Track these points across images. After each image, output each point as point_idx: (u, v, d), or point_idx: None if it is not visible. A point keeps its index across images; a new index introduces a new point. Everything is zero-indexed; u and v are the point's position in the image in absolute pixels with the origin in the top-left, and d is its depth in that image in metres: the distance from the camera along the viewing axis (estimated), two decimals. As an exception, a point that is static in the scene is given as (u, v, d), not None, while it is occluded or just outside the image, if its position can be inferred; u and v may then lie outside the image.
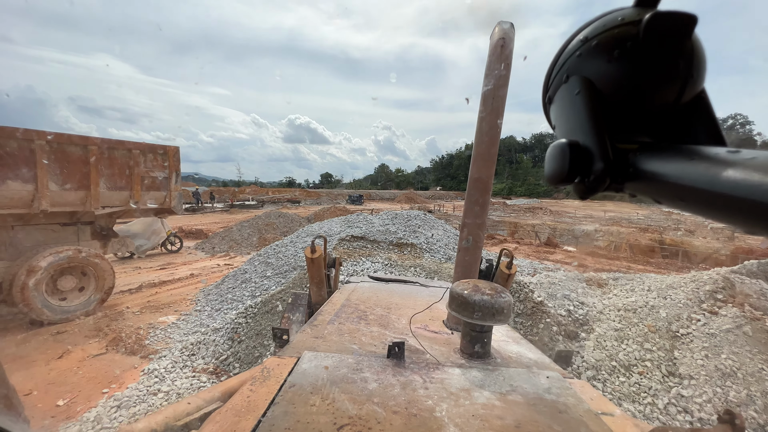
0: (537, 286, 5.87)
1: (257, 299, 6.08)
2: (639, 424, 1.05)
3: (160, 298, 7.75)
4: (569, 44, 0.53)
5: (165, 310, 6.99)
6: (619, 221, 28.85)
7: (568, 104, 0.51)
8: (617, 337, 4.79)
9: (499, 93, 1.80)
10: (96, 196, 6.74)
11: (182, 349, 5.06)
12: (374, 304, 2.07)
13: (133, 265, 11.25)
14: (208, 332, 5.33)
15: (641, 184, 0.44)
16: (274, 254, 7.68)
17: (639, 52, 0.44)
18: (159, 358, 5.02)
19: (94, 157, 6.66)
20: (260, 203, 42.42)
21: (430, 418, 0.95)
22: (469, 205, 1.92)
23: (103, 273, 6.72)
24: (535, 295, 5.48)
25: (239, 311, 5.54)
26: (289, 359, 1.24)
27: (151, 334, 5.86)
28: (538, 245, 16.90)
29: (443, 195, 78.79)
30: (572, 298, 5.49)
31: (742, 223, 0.33)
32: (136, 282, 8.93)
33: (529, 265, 11.14)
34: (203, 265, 11.25)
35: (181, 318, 6.51)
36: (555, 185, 0.49)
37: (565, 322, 5.10)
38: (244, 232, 14.77)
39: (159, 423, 0.94)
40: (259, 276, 6.97)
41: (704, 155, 0.37)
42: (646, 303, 5.21)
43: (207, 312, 6.53)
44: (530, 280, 6.07)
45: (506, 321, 1.32)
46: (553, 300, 5.51)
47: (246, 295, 6.46)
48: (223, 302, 6.63)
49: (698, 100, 0.47)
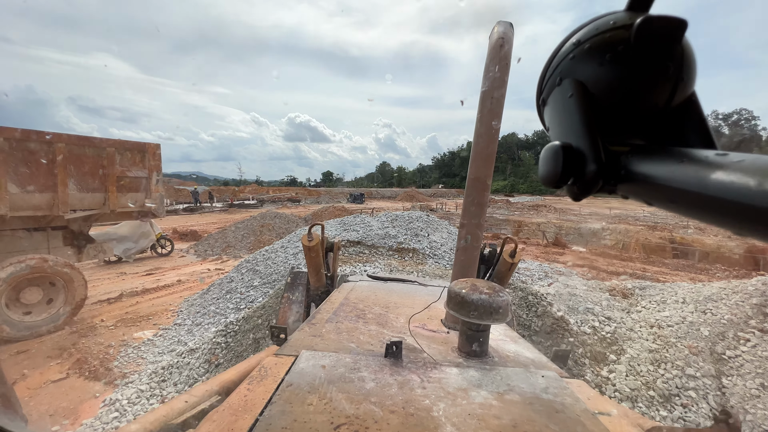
0: (555, 298, 5.20)
1: (241, 313, 5.44)
2: (637, 420, 1.04)
3: (140, 309, 7.13)
4: (562, 47, 0.53)
5: (142, 324, 6.37)
6: (626, 219, 28.12)
7: (561, 107, 0.52)
8: (653, 359, 4.12)
9: (497, 94, 1.77)
10: (65, 199, 6.11)
11: (152, 374, 4.43)
12: (372, 303, 2.06)
13: (118, 270, 10.64)
14: (184, 353, 4.70)
15: (633, 186, 0.44)
16: (263, 261, 7.03)
17: (630, 55, 0.44)
18: (125, 384, 4.38)
19: (61, 155, 6.03)
20: (260, 203, 41.93)
21: (427, 417, 0.94)
22: (468, 204, 1.91)
23: (73, 283, 6.09)
24: (555, 309, 4.82)
25: (219, 329, 4.90)
26: (286, 358, 1.24)
27: (121, 353, 5.23)
28: (546, 245, 16.20)
29: (445, 193, 78.07)
30: (596, 312, 4.82)
31: (729, 226, 0.33)
32: (117, 290, 8.31)
33: (539, 268, 10.46)
34: (193, 270, 10.63)
35: (159, 333, 5.88)
36: (549, 187, 0.49)
37: (590, 341, 4.43)
38: (238, 233, 14.15)
39: (154, 423, 0.92)
40: (246, 286, 6.33)
41: (694, 158, 0.38)
42: (683, 318, 4.54)
43: (187, 327, 5.90)
44: (547, 290, 5.40)
45: (504, 320, 1.32)
46: (575, 314, 4.84)
47: (230, 307, 5.82)
48: (205, 315, 5.99)
49: (689, 103, 0.47)
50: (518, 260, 2.46)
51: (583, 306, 4.95)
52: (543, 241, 16.97)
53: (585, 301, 5.07)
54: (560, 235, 17.99)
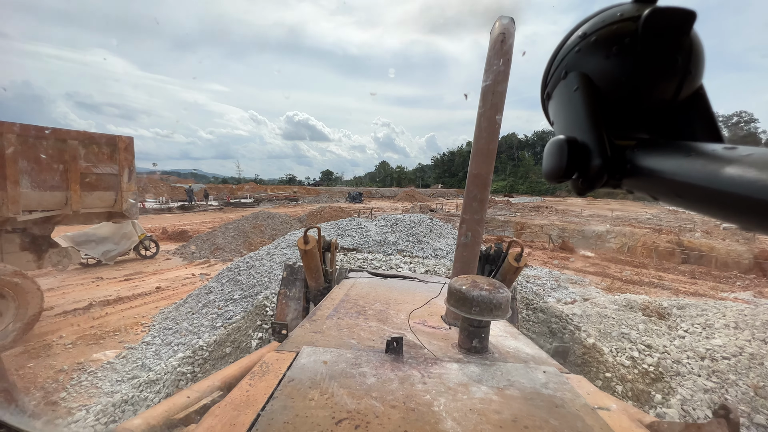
0: (583, 320, 4.44)
1: (216, 332, 4.67)
2: (637, 416, 1.03)
3: (108, 322, 6.34)
4: (568, 40, 0.52)
5: (106, 341, 5.58)
6: (628, 221, 27.52)
7: (566, 100, 0.51)
8: (710, 402, 3.37)
9: (499, 88, 1.77)
10: (15, 198, 5.32)
11: (101, 413, 3.66)
12: (373, 299, 2.09)
13: (96, 274, 9.84)
14: (143, 385, 3.92)
15: (639, 181, 0.43)
16: (246, 269, 6.25)
17: (638, 48, 0.43)
18: (66, 426, 3.61)
19: (11, 148, 5.24)
20: (257, 201, 41.19)
21: (428, 412, 0.94)
22: (468, 201, 1.90)
23: (25, 295, 5.29)
24: (584, 335, 4.06)
25: (186, 354, 4.13)
26: (287, 354, 1.25)
27: (73, 380, 4.45)
28: (553, 249, 15.45)
29: (444, 193, 77.33)
30: (633, 339, 4.07)
31: (738, 220, 0.32)
32: (88, 298, 7.52)
33: (549, 276, 9.71)
34: (176, 275, 9.83)
35: (123, 354, 5.10)
36: (553, 182, 0.48)
37: (630, 375, 3.68)
38: (228, 235, 13.35)
39: (157, 417, 0.92)
40: (225, 298, 5.56)
41: (701, 152, 0.37)
42: (740, 349, 3.79)
43: (155, 347, 5.12)
44: (572, 309, 4.64)
45: (504, 316, 1.31)
46: (608, 340, 4.09)
47: (204, 324, 5.05)
48: (177, 333, 5.21)
49: (696, 96, 0.46)
50: (524, 264, 2.39)
51: (616, 330, 4.19)
52: (549, 245, 16.22)
53: (618, 323, 4.31)
54: (568, 240, 17.24)
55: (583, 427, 0.94)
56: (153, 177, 54.84)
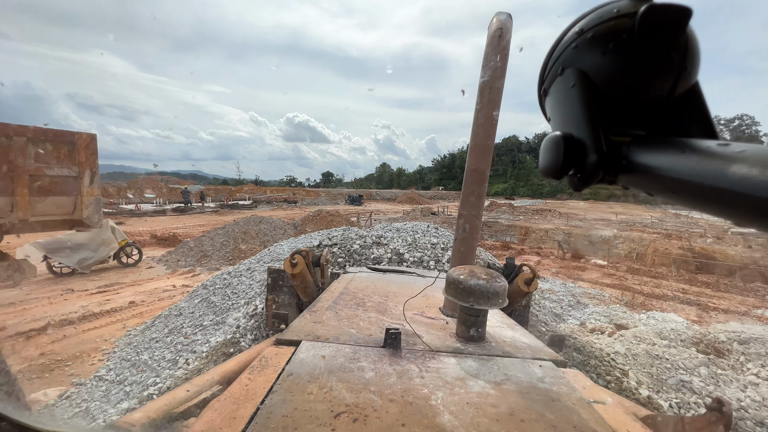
0: (627, 359, 3.58)
1: (176, 372, 3.82)
2: (632, 409, 1.04)
3: (64, 348, 5.48)
4: (565, 36, 0.51)
5: (54, 374, 4.73)
6: (634, 225, 26.71)
7: (563, 97, 0.51)
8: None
9: (496, 84, 1.76)
10: (-56, 205, 4.49)
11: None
12: (372, 292, 2.11)
13: (67, 285, 8.98)
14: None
15: (634, 177, 0.43)
16: (222, 287, 5.40)
17: (634, 44, 0.43)
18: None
19: (-61, 145, 4.41)
20: (255, 203, 40.42)
21: (426, 406, 0.94)
22: (466, 195, 1.91)
23: (-45, 321, 4.46)
24: (633, 383, 3.21)
25: (130, 406, 3.27)
26: (287, 348, 1.25)
27: None
28: (563, 257, 14.57)
29: (445, 195, 76.51)
30: (697, 388, 3.22)
31: (731, 216, 0.33)
32: (48, 316, 6.65)
33: (564, 289, 8.84)
34: (154, 287, 8.97)
35: (68, 393, 4.24)
36: (549, 178, 0.48)
37: (702, 444, 2.81)
38: (217, 241, 12.50)
39: (157, 411, 0.92)
40: (194, 324, 4.70)
41: (695, 148, 0.37)
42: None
43: (106, 384, 4.26)
44: (613, 347, 3.77)
45: (501, 305, 1.31)
46: (664, 390, 3.23)
47: (166, 359, 4.19)
48: (133, 367, 4.35)
49: (692, 93, 0.46)
50: (534, 289, 2.33)
51: (674, 377, 3.33)
52: (558, 252, 15.35)
53: (674, 366, 3.46)
54: (579, 248, 16.35)
55: (579, 420, 0.94)
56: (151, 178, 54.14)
